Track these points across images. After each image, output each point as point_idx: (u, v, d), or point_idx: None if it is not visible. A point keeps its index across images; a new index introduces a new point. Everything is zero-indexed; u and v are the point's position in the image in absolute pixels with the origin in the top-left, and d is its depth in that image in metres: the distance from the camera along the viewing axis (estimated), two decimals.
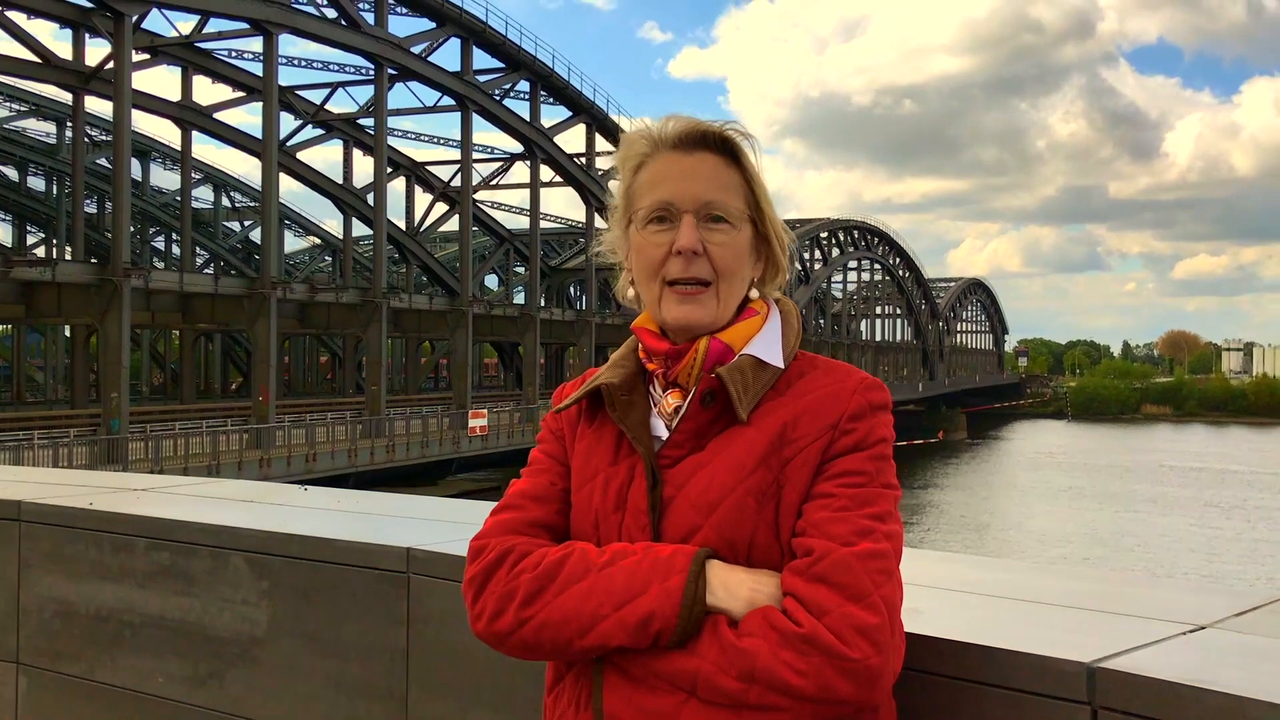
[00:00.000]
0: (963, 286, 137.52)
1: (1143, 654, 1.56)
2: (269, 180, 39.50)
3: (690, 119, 1.62)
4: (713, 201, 1.58)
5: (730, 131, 1.61)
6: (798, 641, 1.39)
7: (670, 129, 1.62)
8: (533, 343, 52.79)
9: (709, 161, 1.60)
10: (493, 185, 59.45)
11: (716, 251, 1.58)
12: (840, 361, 1.64)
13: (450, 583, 2.29)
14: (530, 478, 1.71)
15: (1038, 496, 56.11)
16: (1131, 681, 1.47)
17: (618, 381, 1.64)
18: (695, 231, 1.58)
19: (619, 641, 1.47)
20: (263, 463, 31.80)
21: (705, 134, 1.61)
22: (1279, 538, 43.08)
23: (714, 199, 1.58)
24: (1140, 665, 1.51)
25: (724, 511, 1.51)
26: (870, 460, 1.52)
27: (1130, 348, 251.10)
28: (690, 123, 1.62)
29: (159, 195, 63.39)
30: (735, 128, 1.62)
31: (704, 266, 1.58)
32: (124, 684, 2.85)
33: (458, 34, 47.24)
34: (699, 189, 1.59)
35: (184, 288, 37.55)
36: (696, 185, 1.59)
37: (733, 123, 1.62)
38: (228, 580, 2.67)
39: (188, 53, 43.26)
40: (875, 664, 1.39)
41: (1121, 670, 1.49)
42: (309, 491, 3.37)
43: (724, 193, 1.59)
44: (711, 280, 1.59)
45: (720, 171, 1.60)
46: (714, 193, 1.59)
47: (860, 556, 1.43)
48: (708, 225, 1.59)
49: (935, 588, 1.93)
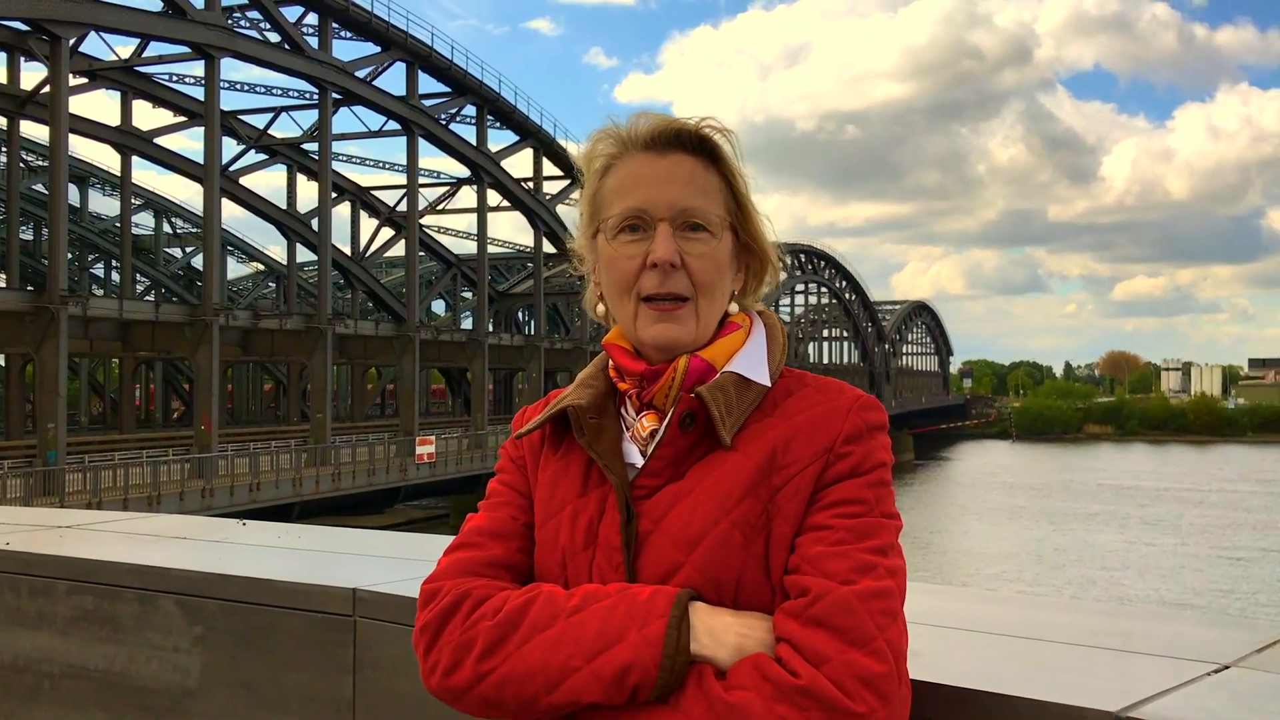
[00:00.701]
0: (908, 309, 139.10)
1: (1169, 700, 1.43)
2: (211, 206, 38.96)
3: (663, 116, 1.46)
4: (691, 208, 1.42)
5: (708, 129, 1.45)
6: (794, 694, 1.23)
7: (641, 127, 1.45)
8: (481, 368, 52.45)
9: (685, 164, 1.44)
10: (439, 210, 59.22)
11: (695, 264, 1.42)
12: (831, 378, 1.47)
13: (401, 626, 2.11)
14: (488, 512, 1.53)
15: (979, 516, 56.93)
16: None
17: (586, 403, 1.47)
18: (672, 242, 1.41)
19: (592, 697, 1.30)
20: (205, 493, 31.20)
21: (680, 132, 1.44)
22: (1209, 553, 43.92)
23: (692, 205, 1.42)
24: (1167, 713, 1.38)
25: (707, 547, 1.34)
26: (868, 487, 1.36)
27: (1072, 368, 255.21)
28: (663, 120, 1.45)
29: (98, 221, 62.34)
30: (713, 124, 1.46)
31: (682, 280, 1.42)
32: None
33: (403, 58, 47.07)
34: (675, 194, 1.42)
35: (123, 315, 36.91)
36: (672, 190, 1.42)
37: (709, 118, 1.46)
38: (157, 626, 2.47)
39: (127, 77, 42.73)
40: (881, 718, 1.23)
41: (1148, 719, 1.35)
42: (247, 526, 3.16)
43: (703, 198, 1.43)
44: (690, 295, 1.42)
45: (698, 174, 1.44)
46: (692, 198, 1.42)
47: (862, 596, 1.28)
48: (685, 235, 1.42)
49: (932, 625, 1.78)
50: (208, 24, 36.92)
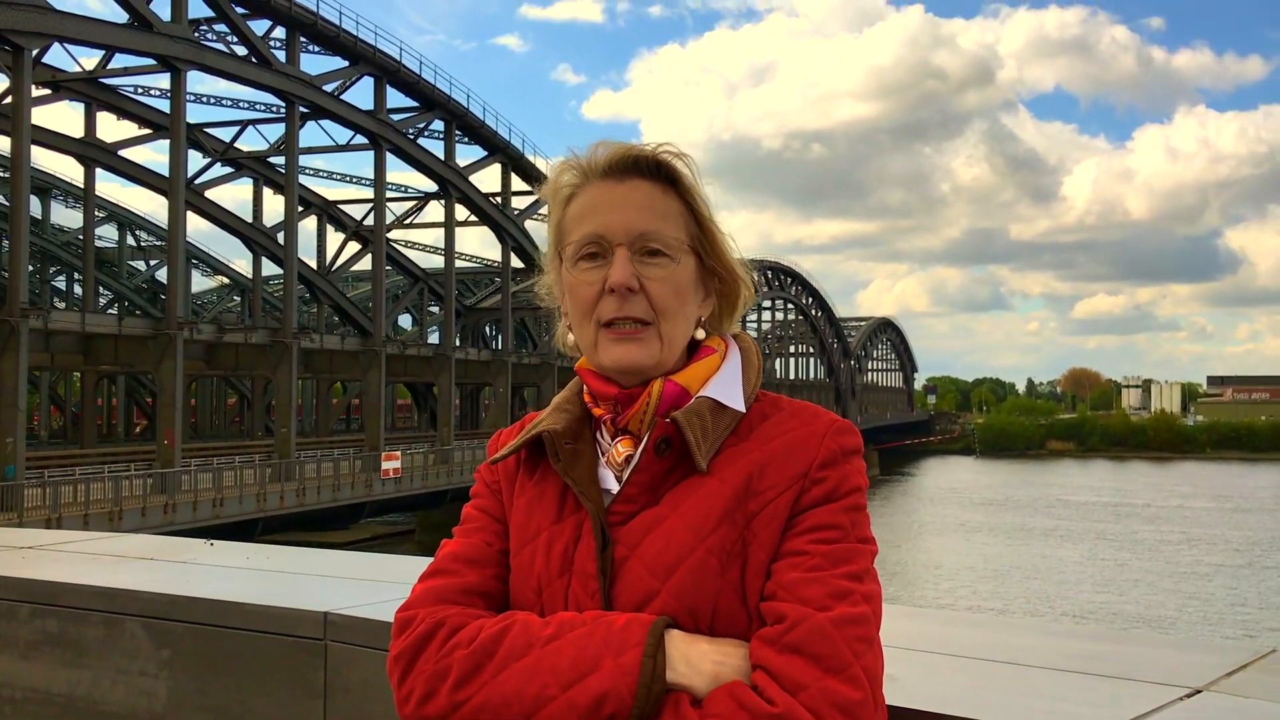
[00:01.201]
0: (873, 326, 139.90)
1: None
2: (175, 218, 38.60)
3: (620, 144, 1.46)
4: (647, 232, 1.42)
5: (664, 154, 1.45)
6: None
7: (600, 156, 1.46)
8: (448, 383, 52.20)
9: (643, 189, 1.43)
10: (407, 224, 59.01)
11: (654, 288, 1.41)
12: (806, 403, 1.47)
13: (373, 650, 2.09)
14: (463, 538, 1.52)
15: (939, 532, 57.36)
16: None
17: (561, 428, 1.46)
18: (629, 266, 1.41)
19: None
20: (168, 509, 30.83)
21: (638, 159, 1.44)
22: (1161, 568, 44.53)
23: (649, 229, 1.42)
24: None
25: (683, 574, 1.33)
26: (844, 512, 1.36)
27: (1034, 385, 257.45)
28: (620, 147, 1.45)
29: (60, 233, 61.64)
30: (669, 149, 1.46)
31: (641, 305, 1.41)
32: None
33: (371, 73, 46.92)
34: (631, 219, 1.42)
35: (86, 328, 36.45)
36: (629, 215, 1.42)
37: (666, 144, 1.46)
38: (123, 649, 2.42)
39: (92, 88, 42.37)
40: None
41: None
42: (215, 547, 3.12)
43: (660, 222, 1.42)
44: (651, 319, 1.42)
45: (656, 199, 1.43)
46: (649, 223, 1.42)
47: (837, 623, 1.27)
48: (643, 259, 1.42)
49: (905, 648, 1.79)
50: (174, 36, 36.63)
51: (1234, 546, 51.17)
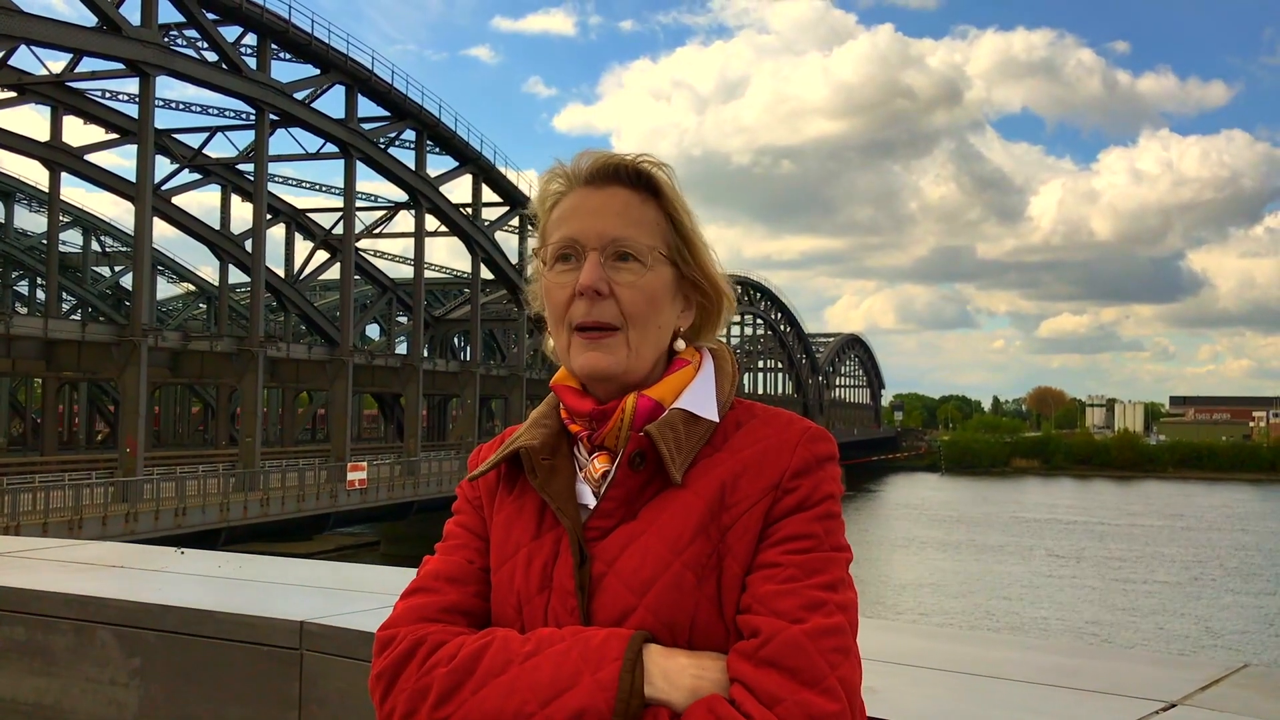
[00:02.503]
0: (841, 342, 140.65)
1: None
2: (141, 224, 38.22)
3: (602, 152, 1.48)
4: (620, 238, 1.42)
5: (644, 163, 1.46)
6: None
7: (583, 164, 1.47)
8: (415, 394, 51.94)
9: (620, 196, 1.45)
10: (376, 234, 58.76)
11: (624, 293, 1.42)
12: (780, 409, 1.47)
13: (348, 660, 2.07)
14: (444, 555, 1.51)
15: (894, 547, 57.70)
16: None
17: (538, 444, 1.46)
18: (598, 270, 1.41)
19: None
20: (129, 517, 30.42)
21: (618, 167, 1.46)
22: (1103, 584, 45.21)
23: (621, 235, 1.42)
24: None
25: (660, 589, 1.33)
26: (816, 521, 1.36)
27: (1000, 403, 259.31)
28: (602, 156, 1.47)
29: (24, 238, 60.92)
30: (648, 159, 1.47)
31: (610, 309, 1.42)
32: None
33: (342, 81, 46.75)
34: (605, 225, 1.43)
35: (48, 334, 36.03)
36: (603, 221, 1.43)
37: (646, 155, 1.47)
38: (93, 658, 2.39)
39: (58, 92, 41.94)
40: None
41: None
42: (186, 555, 3.08)
43: (634, 229, 1.43)
44: (619, 325, 1.42)
45: (632, 206, 1.44)
46: (622, 228, 1.43)
47: (812, 635, 1.27)
48: (614, 264, 1.42)
49: (885, 661, 1.79)
50: (143, 41, 36.34)
51: (1181, 564, 52.03)
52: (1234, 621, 37.69)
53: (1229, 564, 52.73)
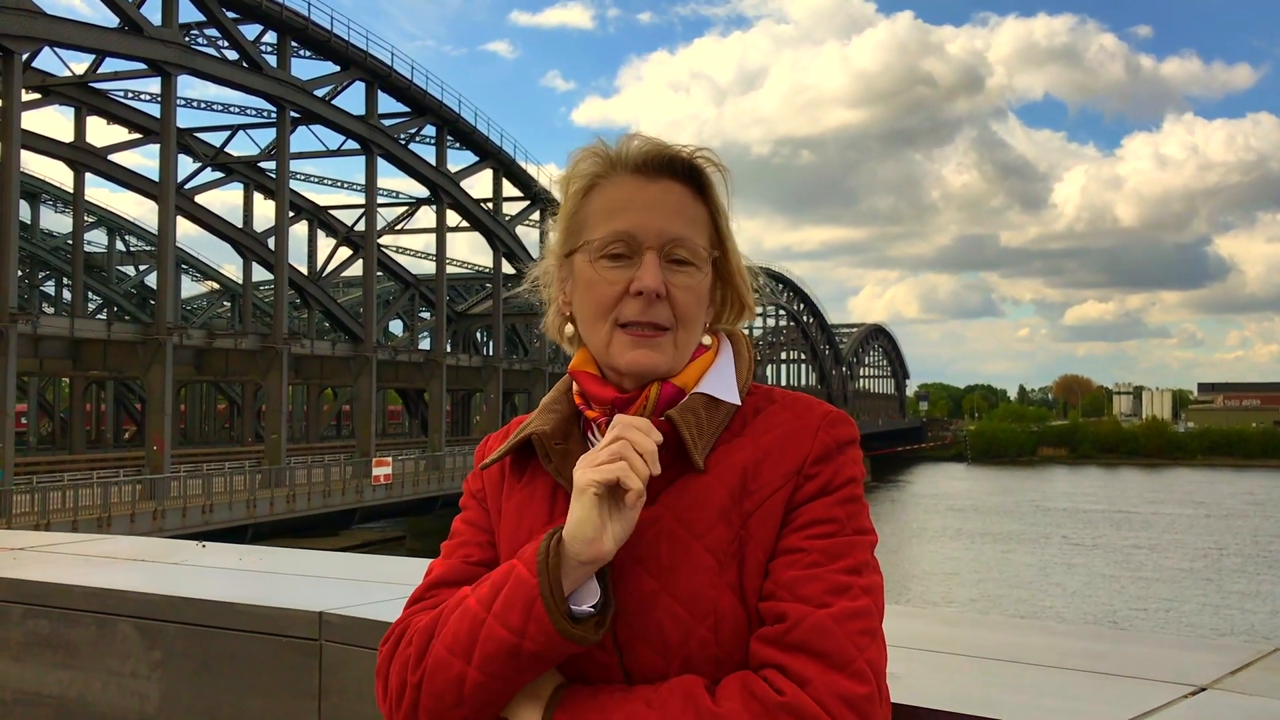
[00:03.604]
0: (865, 332, 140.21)
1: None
2: (165, 224, 38.51)
3: (656, 140, 1.42)
4: (679, 239, 1.39)
5: (701, 159, 1.42)
6: (779, 711, 1.22)
7: (634, 149, 1.41)
8: (438, 389, 52.11)
9: (675, 191, 1.40)
10: (398, 230, 58.92)
11: (679, 296, 1.39)
12: (799, 393, 1.45)
13: (368, 650, 2.07)
14: (444, 559, 1.52)
15: (916, 536, 57.56)
16: None
17: (550, 429, 1.44)
18: (659, 272, 1.38)
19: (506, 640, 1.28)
20: (156, 514, 30.69)
21: (673, 160, 1.41)
22: (1117, 572, 44.90)
23: (680, 235, 1.39)
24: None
25: (683, 575, 1.32)
26: (839, 505, 1.34)
27: (1026, 392, 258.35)
28: (656, 145, 1.41)
29: (49, 238, 61.46)
30: (707, 155, 1.42)
31: (664, 311, 1.38)
32: None
33: (363, 78, 46.89)
34: (664, 223, 1.39)
35: (75, 334, 36.35)
36: (662, 218, 1.39)
37: (704, 149, 1.43)
38: (115, 650, 2.40)
39: (82, 93, 42.25)
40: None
41: None
42: (207, 549, 3.09)
43: (690, 228, 1.40)
44: (670, 326, 1.39)
45: (687, 204, 1.41)
46: (681, 228, 1.39)
47: (838, 619, 1.26)
48: (671, 266, 1.39)
49: (908, 647, 1.77)
50: (165, 41, 36.58)
51: (1198, 551, 51.68)
52: (1247, 608, 37.34)
53: (1246, 551, 52.31)
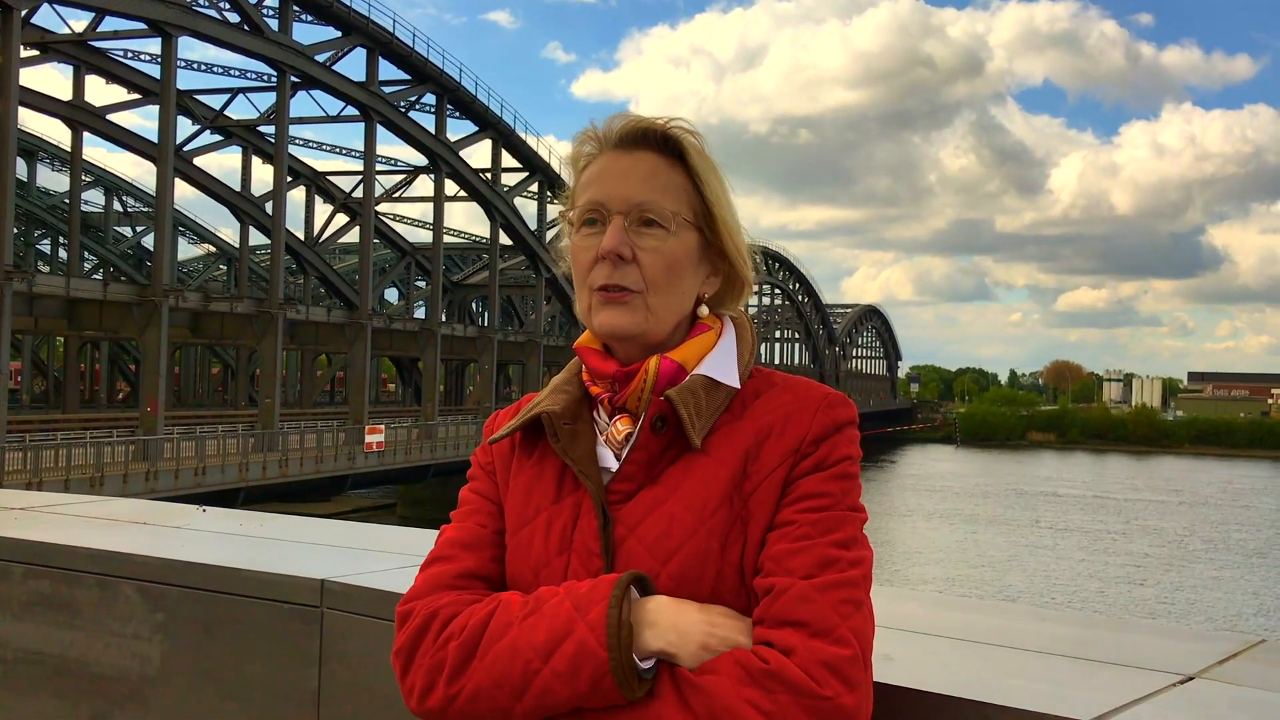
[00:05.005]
0: (859, 313, 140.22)
1: (1138, 710, 1.46)
2: (163, 185, 38.32)
3: (633, 115, 1.48)
4: (644, 202, 1.43)
5: (674, 128, 1.46)
6: (763, 678, 1.24)
7: (614, 127, 1.48)
8: (433, 358, 52.08)
9: (648, 160, 1.45)
10: (395, 198, 58.71)
11: (646, 259, 1.43)
12: (799, 377, 1.48)
13: (369, 619, 2.09)
14: (459, 522, 1.54)
15: (890, 517, 57.70)
16: None
17: (560, 409, 1.47)
18: (621, 234, 1.42)
19: (561, 696, 1.30)
20: (149, 476, 30.69)
21: (646, 131, 1.46)
22: (1083, 556, 45.25)
23: (645, 200, 1.43)
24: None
25: (685, 556, 1.35)
26: (832, 480, 1.38)
27: (1017, 376, 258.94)
28: (632, 119, 1.47)
29: (46, 197, 61.17)
30: (680, 124, 1.47)
31: (631, 274, 1.42)
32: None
33: (364, 44, 46.58)
34: (631, 189, 1.43)
35: (70, 293, 36.18)
36: (629, 185, 1.44)
37: (678, 119, 1.48)
38: (117, 612, 2.42)
39: (81, 51, 41.90)
40: (848, 703, 1.24)
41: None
42: (208, 513, 3.11)
43: (659, 194, 1.44)
44: (640, 289, 1.43)
45: (660, 171, 1.45)
46: (647, 193, 1.43)
47: (821, 588, 1.29)
48: (638, 229, 1.43)
49: (899, 629, 1.80)
50: (165, 1, 36.31)
51: (1167, 538, 52.09)
52: (1203, 596, 37.57)
53: (1211, 538, 52.69)
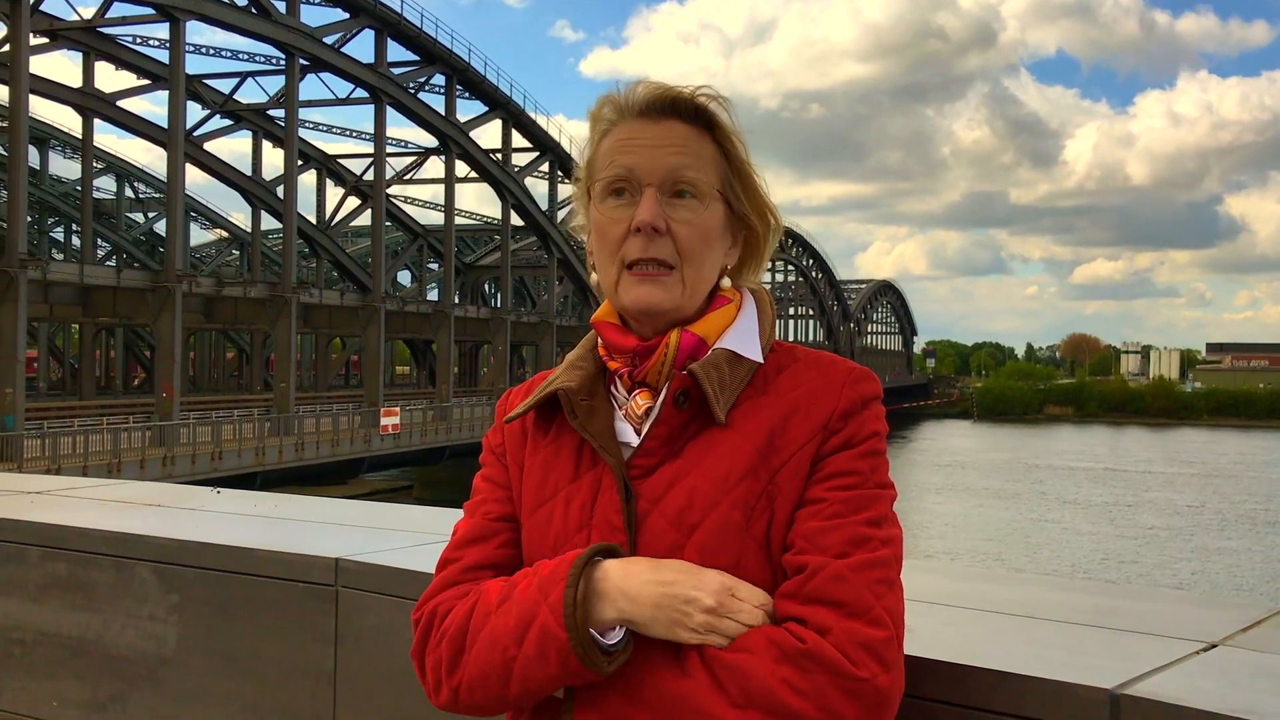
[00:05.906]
0: (873, 288, 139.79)
1: (1162, 677, 1.44)
2: (174, 171, 38.43)
3: (659, 83, 1.43)
4: (679, 173, 1.40)
5: (703, 97, 1.42)
6: (799, 657, 1.23)
7: (638, 94, 1.43)
8: (446, 340, 52.17)
9: (678, 130, 1.41)
10: (406, 180, 58.73)
11: (681, 231, 1.39)
12: (821, 351, 1.46)
13: (383, 597, 2.09)
14: (468, 516, 1.53)
15: (905, 489, 57.63)
16: (1156, 709, 1.35)
17: (576, 385, 1.44)
18: (657, 206, 1.39)
19: (541, 679, 1.30)
20: (166, 461, 30.90)
21: (675, 100, 1.42)
22: (1094, 529, 45.23)
23: (679, 171, 1.40)
24: (1162, 690, 1.39)
25: (707, 530, 1.33)
26: (862, 458, 1.36)
27: (1033, 350, 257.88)
28: (658, 87, 1.43)
29: (58, 184, 61.36)
30: (709, 92, 1.43)
31: (666, 247, 1.39)
32: (14, 709, 2.59)
33: (372, 25, 46.50)
34: (664, 159, 1.40)
35: (84, 280, 36.38)
36: (661, 155, 1.40)
37: (706, 87, 1.43)
38: (133, 593, 2.43)
39: (90, 38, 41.96)
40: (883, 684, 1.24)
41: (1144, 696, 1.36)
42: (222, 495, 3.11)
43: (692, 164, 1.40)
44: (675, 263, 1.39)
45: (690, 141, 1.41)
46: (680, 164, 1.40)
47: (855, 568, 1.28)
48: (672, 201, 1.40)
49: (920, 601, 1.78)
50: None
51: (1177, 508, 51.96)
52: (1211, 565, 37.48)
53: (1221, 508, 52.49)
